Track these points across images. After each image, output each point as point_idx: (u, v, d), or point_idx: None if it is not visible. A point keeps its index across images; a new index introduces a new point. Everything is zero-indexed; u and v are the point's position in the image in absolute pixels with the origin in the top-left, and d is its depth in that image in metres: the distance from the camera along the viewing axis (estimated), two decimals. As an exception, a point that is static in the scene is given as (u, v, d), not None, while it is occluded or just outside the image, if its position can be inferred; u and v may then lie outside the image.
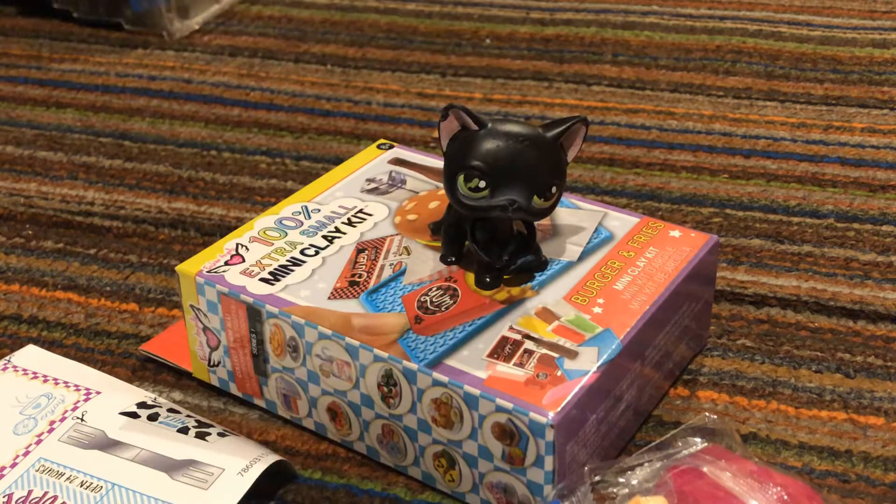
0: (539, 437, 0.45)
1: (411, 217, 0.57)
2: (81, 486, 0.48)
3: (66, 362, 0.56)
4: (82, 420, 0.52)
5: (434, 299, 0.51)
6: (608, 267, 0.53)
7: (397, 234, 0.56)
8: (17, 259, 0.69)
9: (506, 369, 0.47)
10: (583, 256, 0.54)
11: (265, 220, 0.57)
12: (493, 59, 0.94)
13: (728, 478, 0.43)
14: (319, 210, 0.58)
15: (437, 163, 0.62)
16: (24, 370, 0.55)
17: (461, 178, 0.48)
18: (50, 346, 0.60)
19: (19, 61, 0.96)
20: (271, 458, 0.50)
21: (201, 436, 0.51)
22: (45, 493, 0.48)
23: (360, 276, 0.53)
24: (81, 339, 0.61)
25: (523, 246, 0.52)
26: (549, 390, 0.45)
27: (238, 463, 0.49)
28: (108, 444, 0.50)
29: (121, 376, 0.57)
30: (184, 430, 0.51)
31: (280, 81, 0.91)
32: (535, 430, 0.45)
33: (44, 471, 0.49)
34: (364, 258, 0.54)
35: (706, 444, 0.46)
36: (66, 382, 0.54)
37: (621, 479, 0.45)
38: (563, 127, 0.49)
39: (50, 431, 0.51)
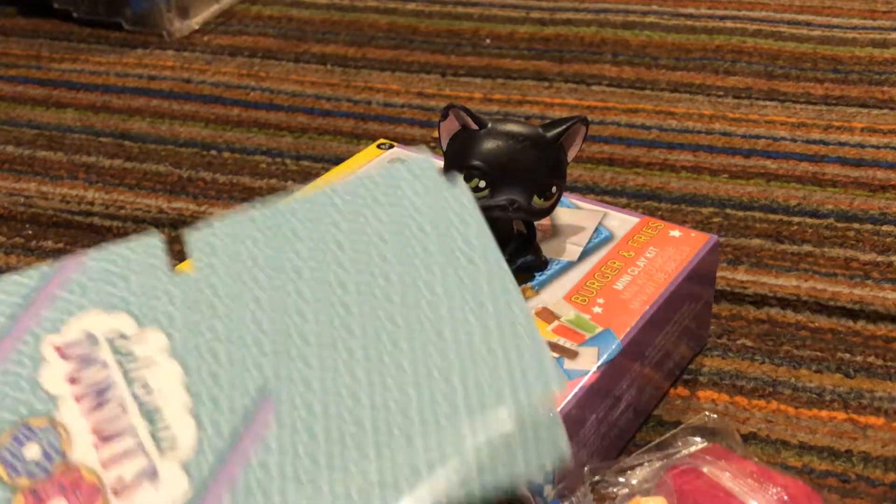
0: (539, 437, 0.44)
1: (411, 217, 0.57)
2: None
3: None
4: None
5: (434, 299, 0.51)
6: (608, 267, 0.53)
7: (397, 234, 0.56)
8: (18, 259, 0.69)
9: (506, 369, 0.47)
10: (583, 256, 0.54)
11: (265, 220, 0.57)
12: (493, 58, 0.94)
13: (728, 478, 0.43)
14: (319, 210, 0.58)
15: (438, 162, 0.62)
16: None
17: (461, 177, 0.48)
18: (50, 345, 0.60)
19: (19, 61, 0.96)
20: None
21: None
22: None
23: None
24: (81, 339, 0.61)
25: (523, 246, 0.52)
26: (549, 390, 0.45)
27: None
28: None
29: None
30: None
31: (280, 81, 0.91)
32: (535, 430, 0.44)
33: None
34: (364, 258, 0.54)
35: (706, 444, 0.46)
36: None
37: (621, 479, 0.45)
38: (563, 127, 0.49)
39: None
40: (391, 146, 0.64)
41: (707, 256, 0.55)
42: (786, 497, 0.43)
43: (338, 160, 0.79)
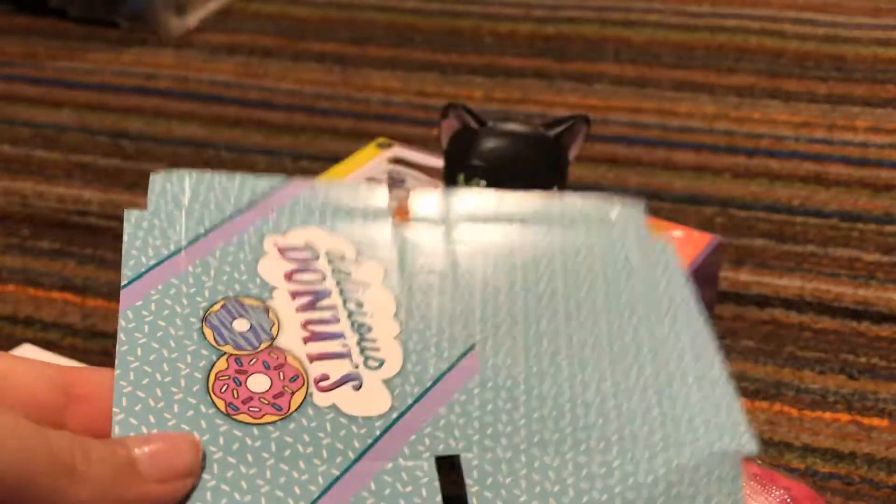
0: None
1: (410, 216, 0.56)
2: None
3: (62, 361, 0.56)
4: None
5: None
6: (610, 267, 0.52)
7: (396, 234, 0.55)
8: (13, 259, 0.68)
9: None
10: (584, 256, 0.53)
11: (262, 220, 0.56)
12: (494, 57, 0.93)
13: (731, 481, 0.42)
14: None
15: (437, 162, 0.61)
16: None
17: (461, 176, 0.48)
18: (46, 346, 0.60)
19: (15, 60, 0.96)
20: None
21: None
22: None
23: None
24: (78, 340, 0.60)
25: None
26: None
27: None
28: None
29: (116, 378, 0.56)
30: None
31: (278, 80, 0.90)
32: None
33: None
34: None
35: (709, 447, 0.46)
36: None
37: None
38: (565, 126, 0.49)
39: None
40: (390, 145, 0.64)
41: (710, 257, 0.54)
42: (789, 499, 0.42)
43: (336, 159, 0.78)
